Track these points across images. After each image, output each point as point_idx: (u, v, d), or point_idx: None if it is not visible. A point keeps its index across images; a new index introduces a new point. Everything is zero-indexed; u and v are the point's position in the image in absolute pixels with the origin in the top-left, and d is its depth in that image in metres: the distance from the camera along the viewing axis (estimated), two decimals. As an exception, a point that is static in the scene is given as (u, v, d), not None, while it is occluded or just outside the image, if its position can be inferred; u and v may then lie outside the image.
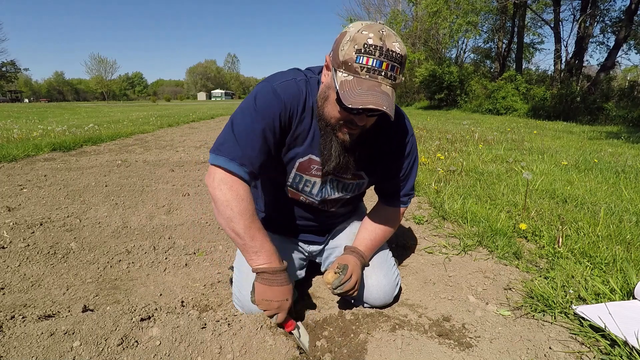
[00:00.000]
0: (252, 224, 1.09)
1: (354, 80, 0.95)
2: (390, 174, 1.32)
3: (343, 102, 0.94)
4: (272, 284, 1.12)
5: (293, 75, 1.14)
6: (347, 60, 0.95)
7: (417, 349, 1.17)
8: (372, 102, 0.92)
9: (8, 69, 57.21)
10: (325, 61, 1.07)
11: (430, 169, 3.85)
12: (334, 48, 1.01)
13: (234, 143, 1.06)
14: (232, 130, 1.08)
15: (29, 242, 1.97)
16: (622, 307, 1.29)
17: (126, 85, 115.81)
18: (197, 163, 4.48)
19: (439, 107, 20.08)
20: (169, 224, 2.32)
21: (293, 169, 1.22)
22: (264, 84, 1.12)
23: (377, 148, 1.24)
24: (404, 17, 25.00)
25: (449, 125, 9.24)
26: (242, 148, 1.06)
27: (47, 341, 1.05)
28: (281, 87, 1.10)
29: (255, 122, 1.07)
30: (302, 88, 1.12)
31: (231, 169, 1.06)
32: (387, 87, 0.96)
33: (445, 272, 1.72)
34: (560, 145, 5.66)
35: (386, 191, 1.39)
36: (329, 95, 1.05)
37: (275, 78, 1.13)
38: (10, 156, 4.43)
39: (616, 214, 2.33)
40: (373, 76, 0.95)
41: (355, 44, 0.94)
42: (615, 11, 17.18)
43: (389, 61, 0.95)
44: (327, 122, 1.09)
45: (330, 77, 1.04)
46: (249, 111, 1.08)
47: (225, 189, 1.06)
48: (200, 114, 15.30)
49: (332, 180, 1.28)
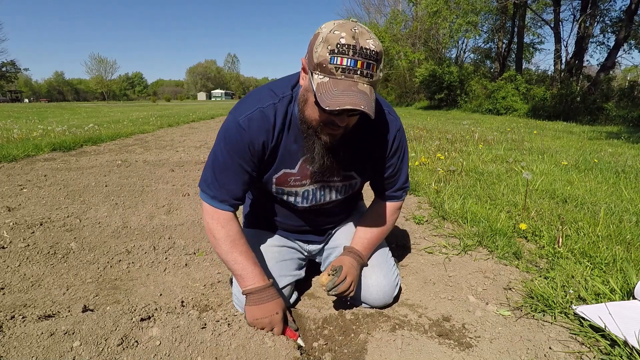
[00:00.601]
0: (233, 248, 1.19)
1: (330, 82, 0.94)
2: (381, 170, 1.31)
3: (320, 105, 0.93)
4: (259, 303, 1.18)
5: (259, 104, 1.13)
6: (321, 62, 0.94)
7: (417, 349, 1.17)
8: (349, 102, 0.91)
9: (8, 69, 57.19)
10: (302, 64, 1.05)
11: (430, 169, 3.85)
12: (308, 50, 1.00)
13: (212, 181, 1.17)
14: (212, 169, 1.18)
15: (29, 242, 1.97)
16: (622, 307, 1.29)
17: (126, 85, 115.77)
18: (197, 163, 4.49)
19: (439, 107, 20.08)
20: (169, 224, 2.32)
21: (272, 184, 1.26)
22: (231, 117, 1.15)
23: (363, 146, 1.23)
24: (404, 17, 25.02)
25: (449, 125, 9.24)
26: (221, 185, 1.17)
27: (47, 341, 1.05)
28: (246, 121, 1.11)
29: (228, 159, 1.14)
30: (268, 115, 1.13)
31: (213, 206, 1.19)
32: (364, 85, 0.95)
33: (445, 272, 1.72)
34: (560, 145, 5.66)
35: (380, 187, 1.39)
36: (308, 98, 1.04)
37: (240, 110, 1.14)
38: (10, 156, 4.43)
39: (616, 214, 2.33)
40: (349, 76, 0.94)
41: (328, 44, 0.93)
42: (615, 11, 17.19)
43: (364, 59, 0.93)
44: (308, 125, 1.09)
45: (307, 80, 1.03)
46: (222, 148, 1.15)
47: (208, 219, 1.21)
48: (200, 114, 15.30)
49: (322, 187, 1.29)
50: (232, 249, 1.19)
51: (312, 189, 1.29)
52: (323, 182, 1.27)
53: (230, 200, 1.18)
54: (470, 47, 26.77)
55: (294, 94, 1.15)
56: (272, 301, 1.18)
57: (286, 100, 1.15)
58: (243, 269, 1.19)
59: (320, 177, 1.24)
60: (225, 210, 1.19)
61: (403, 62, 24.11)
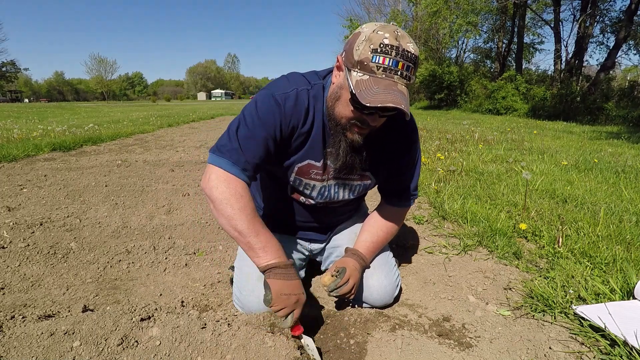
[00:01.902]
0: (255, 219, 1.10)
1: (370, 80, 0.96)
2: (394, 174, 1.32)
3: (360, 101, 0.94)
4: (287, 278, 1.10)
5: (295, 85, 1.13)
6: (362, 60, 0.96)
7: (417, 349, 1.17)
8: (390, 100, 0.92)
9: (8, 69, 57.14)
10: (337, 62, 1.06)
11: (430, 169, 3.85)
12: (346, 48, 1.01)
13: (236, 147, 1.08)
14: (235, 134, 1.09)
15: (29, 242, 1.97)
16: (622, 307, 1.29)
17: (126, 85, 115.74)
18: (197, 163, 4.49)
19: (439, 107, 20.08)
20: (169, 224, 2.32)
21: (292, 172, 1.24)
22: (266, 91, 1.12)
23: (383, 148, 1.24)
24: (404, 17, 24.99)
25: (449, 125, 9.24)
26: (245, 153, 1.08)
27: (47, 341, 1.05)
28: (282, 98, 1.10)
29: (257, 130, 1.08)
30: (303, 98, 1.12)
31: (232, 172, 1.08)
32: (402, 86, 0.97)
33: (445, 272, 1.71)
34: (560, 145, 5.66)
35: (390, 191, 1.39)
36: (341, 95, 1.05)
37: (278, 86, 1.13)
38: (10, 156, 4.43)
39: (616, 214, 2.33)
40: (389, 75, 0.95)
41: (371, 43, 0.95)
42: (615, 11, 17.21)
43: (405, 61, 0.95)
44: (337, 122, 1.09)
45: (342, 77, 1.04)
46: (252, 118, 1.09)
47: (223, 188, 1.07)
48: (200, 114, 15.30)
49: (338, 184, 1.29)
50: (253, 219, 1.09)
51: (329, 185, 1.28)
52: (341, 179, 1.27)
53: (251, 170, 1.10)
54: (470, 47, 26.79)
55: (326, 83, 1.15)
56: (298, 280, 1.13)
57: (319, 88, 1.15)
58: (267, 241, 1.10)
59: (338, 174, 1.23)
60: (243, 180, 1.10)
61: (403, 62, 24.04)
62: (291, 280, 1.11)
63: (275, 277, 1.09)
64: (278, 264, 1.10)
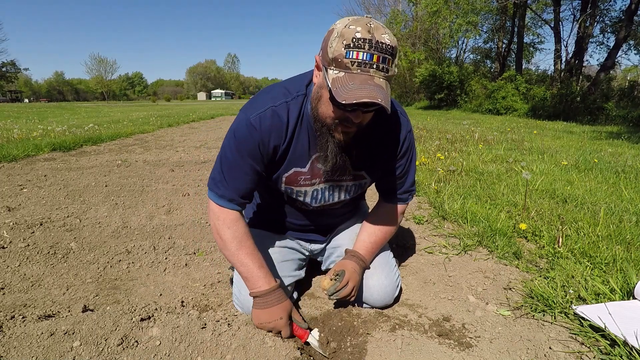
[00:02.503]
0: (239, 250, 1.18)
1: (346, 76, 0.93)
2: (389, 171, 1.31)
3: (336, 99, 0.92)
4: (265, 307, 1.17)
5: (271, 102, 1.12)
6: (336, 57, 0.93)
7: (417, 349, 1.17)
8: (365, 95, 0.90)
9: (8, 69, 57.09)
10: (316, 62, 1.04)
11: (430, 169, 3.85)
12: (322, 47, 1.00)
13: (221, 180, 1.16)
14: (220, 167, 1.16)
15: (29, 242, 1.97)
16: (622, 307, 1.29)
17: (126, 85, 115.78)
18: (197, 163, 4.48)
19: (439, 107, 20.06)
20: (169, 224, 2.32)
21: (282, 183, 1.25)
22: (242, 116, 1.13)
23: (375, 146, 1.22)
24: (404, 17, 24.98)
25: (449, 125, 9.24)
26: (230, 183, 1.15)
27: (47, 341, 1.05)
28: (257, 120, 1.10)
29: (237, 158, 1.13)
30: (281, 114, 1.11)
31: (222, 204, 1.17)
32: (380, 79, 0.94)
33: (445, 272, 1.71)
34: (560, 145, 5.66)
35: (386, 189, 1.38)
36: (322, 95, 1.03)
37: (253, 107, 1.12)
38: (10, 156, 4.43)
39: (616, 214, 2.33)
40: (365, 70, 0.93)
41: (343, 39, 0.92)
42: (615, 11, 17.23)
43: (380, 53, 0.92)
44: (322, 123, 1.07)
45: (321, 77, 1.02)
46: (230, 148, 1.14)
47: (214, 219, 1.19)
48: (200, 114, 15.29)
49: (331, 186, 1.28)
50: (238, 250, 1.17)
51: (321, 189, 1.28)
52: (333, 181, 1.26)
53: (238, 199, 1.16)
54: (470, 47, 26.80)
55: (308, 91, 1.14)
56: (277, 305, 1.17)
57: (300, 99, 1.14)
58: (248, 271, 1.18)
59: (330, 176, 1.23)
60: (233, 210, 1.17)
61: (403, 62, 24.07)
62: (269, 307, 1.17)
63: (256, 307, 1.19)
64: (257, 293, 1.18)
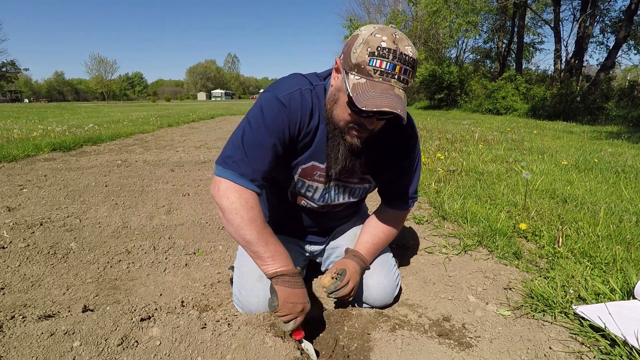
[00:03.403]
0: (264, 230, 1.10)
1: (367, 83, 0.95)
2: (395, 177, 1.32)
3: (356, 105, 0.93)
4: (294, 287, 1.10)
5: (298, 85, 1.12)
6: (359, 63, 0.95)
7: (417, 349, 1.17)
8: (386, 104, 0.91)
9: (8, 69, 57.04)
10: (336, 64, 1.05)
11: (430, 169, 3.85)
12: (345, 51, 1.01)
13: (243, 157, 1.07)
14: (241, 143, 1.08)
15: (29, 242, 1.97)
16: (622, 307, 1.29)
17: (126, 85, 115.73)
18: (197, 163, 4.49)
19: (439, 107, 20.07)
20: (169, 224, 2.32)
21: (296, 174, 1.23)
22: (269, 94, 1.10)
23: (383, 152, 1.24)
24: (404, 17, 24.97)
25: (449, 125, 9.24)
26: (252, 163, 1.07)
27: (47, 341, 1.05)
28: (287, 99, 1.08)
29: (264, 136, 1.07)
30: (307, 98, 1.11)
31: (241, 184, 1.07)
32: (399, 90, 0.96)
33: (445, 272, 1.71)
34: (560, 145, 5.66)
35: (390, 194, 1.39)
36: (339, 98, 1.04)
37: (281, 87, 1.11)
38: (10, 156, 4.43)
39: (616, 214, 2.33)
40: (386, 79, 0.94)
41: (368, 46, 0.94)
42: (615, 11, 17.25)
43: (402, 64, 0.94)
44: (335, 125, 1.08)
45: (340, 80, 1.03)
46: (257, 124, 1.08)
47: (233, 198, 1.06)
48: (200, 114, 15.29)
49: (338, 186, 1.29)
50: (263, 229, 1.09)
51: (330, 187, 1.28)
52: (340, 181, 1.26)
53: (260, 180, 1.09)
54: (470, 47, 26.79)
55: (326, 85, 1.14)
56: (304, 289, 1.13)
57: (320, 89, 1.14)
58: (276, 250, 1.11)
59: (339, 177, 1.23)
60: (253, 191, 1.09)
61: (403, 62, 24.05)
62: (298, 288, 1.11)
63: (283, 285, 1.09)
64: (286, 271, 1.10)
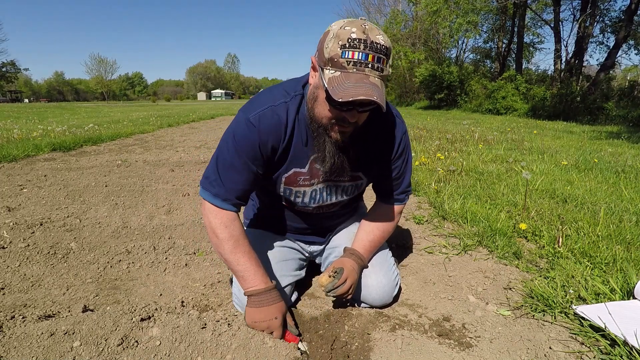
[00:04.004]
0: (236, 248, 1.17)
1: (342, 75, 0.95)
2: (386, 172, 1.32)
3: (333, 97, 0.94)
4: (260, 305, 1.16)
5: (270, 102, 1.13)
6: (332, 57, 0.96)
7: (417, 349, 1.17)
8: (362, 93, 0.92)
9: (8, 69, 57.03)
10: (312, 63, 1.06)
11: (430, 169, 3.85)
12: (318, 48, 1.02)
13: (216, 178, 1.14)
14: (216, 166, 1.15)
15: (29, 242, 1.97)
16: (622, 307, 1.29)
17: (126, 85, 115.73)
18: (197, 163, 4.49)
19: (439, 107, 20.06)
20: (169, 224, 2.32)
21: (281, 184, 1.25)
22: (240, 115, 1.13)
23: (371, 146, 1.24)
24: (404, 17, 25.00)
25: (449, 125, 9.24)
26: (225, 183, 1.14)
27: (47, 341, 1.05)
28: (257, 118, 1.10)
29: (235, 157, 1.12)
30: (280, 113, 1.12)
31: (217, 204, 1.15)
32: (375, 78, 0.97)
33: (445, 272, 1.71)
34: (560, 145, 5.66)
35: (383, 190, 1.39)
36: (318, 95, 1.05)
37: (252, 107, 1.13)
38: (10, 156, 4.43)
39: (616, 214, 2.33)
40: (360, 69, 0.95)
41: (339, 40, 0.95)
42: (615, 11, 17.21)
43: (375, 53, 0.95)
44: (318, 123, 1.09)
45: (317, 77, 1.04)
46: (229, 146, 1.13)
47: (210, 217, 1.17)
48: (200, 114, 15.29)
49: (329, 186, 1.29)
50: (235, 249, 1.16)
51: (319, 189, 1.28)
52: (331, 181, 1.27)
53: (234, 199, 1.16)
54: (470, 47, 26.79)
55: (305, 91, 1.15)
56: (272, 305, 1.17)
57: (298, 98, 1.15)
58: (245, 270, 1.17)
59: (329, 177, 1.23)
60: (228, 210, 1.16)
61: (403, 62, 24.08)
62: (264, 306, 1.16)
63: (250, 305, 1.18)
64: (252, 292, 1.17)
